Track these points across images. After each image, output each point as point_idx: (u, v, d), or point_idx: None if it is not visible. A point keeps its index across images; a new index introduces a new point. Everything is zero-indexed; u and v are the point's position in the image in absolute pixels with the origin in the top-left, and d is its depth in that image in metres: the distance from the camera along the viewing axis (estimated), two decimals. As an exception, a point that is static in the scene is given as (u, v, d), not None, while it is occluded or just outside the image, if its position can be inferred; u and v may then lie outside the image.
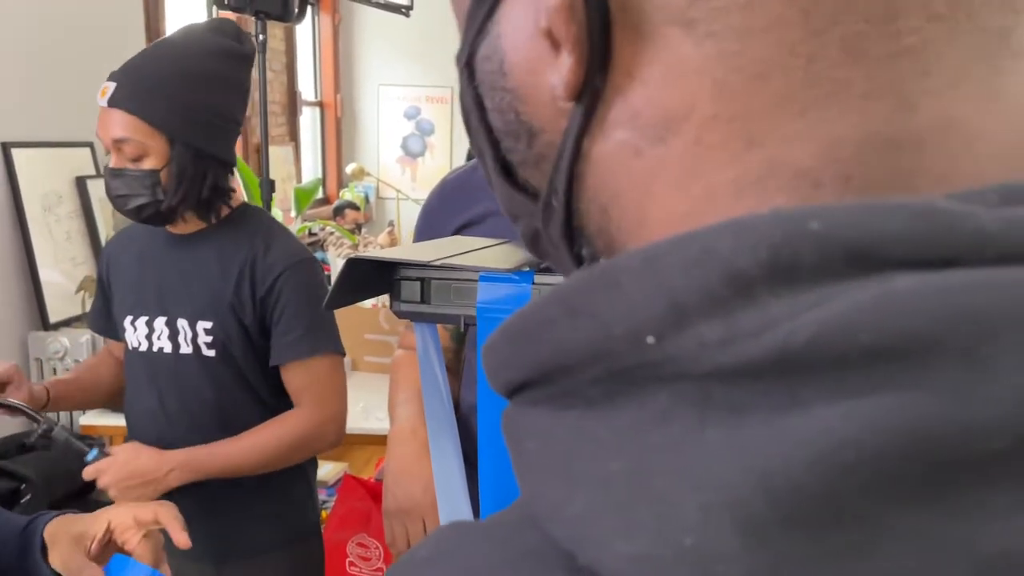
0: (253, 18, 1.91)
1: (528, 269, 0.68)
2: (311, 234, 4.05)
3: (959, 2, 0.21)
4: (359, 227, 4.54)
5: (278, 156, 3.88)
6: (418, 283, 0.73)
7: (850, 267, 0.18)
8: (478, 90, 0.29)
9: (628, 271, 0.20)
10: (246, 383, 1.35)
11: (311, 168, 4.80)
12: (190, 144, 1.25)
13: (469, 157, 2.44)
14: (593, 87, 0.24)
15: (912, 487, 0.16)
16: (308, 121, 4.79)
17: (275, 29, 3.86)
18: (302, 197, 3.78)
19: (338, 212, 4.47)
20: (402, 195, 4.95)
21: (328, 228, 4.15)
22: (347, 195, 4.79)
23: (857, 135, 0.21)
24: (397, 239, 4.59)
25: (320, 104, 4.94)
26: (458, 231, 1.14)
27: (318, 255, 4.04)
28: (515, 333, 0.23)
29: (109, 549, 0.93)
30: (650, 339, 0.19)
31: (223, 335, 1.32)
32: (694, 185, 0.23)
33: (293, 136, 4.42)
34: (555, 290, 0.22)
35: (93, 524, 0.92)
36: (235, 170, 1.37)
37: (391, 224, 4.71)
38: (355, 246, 3.90)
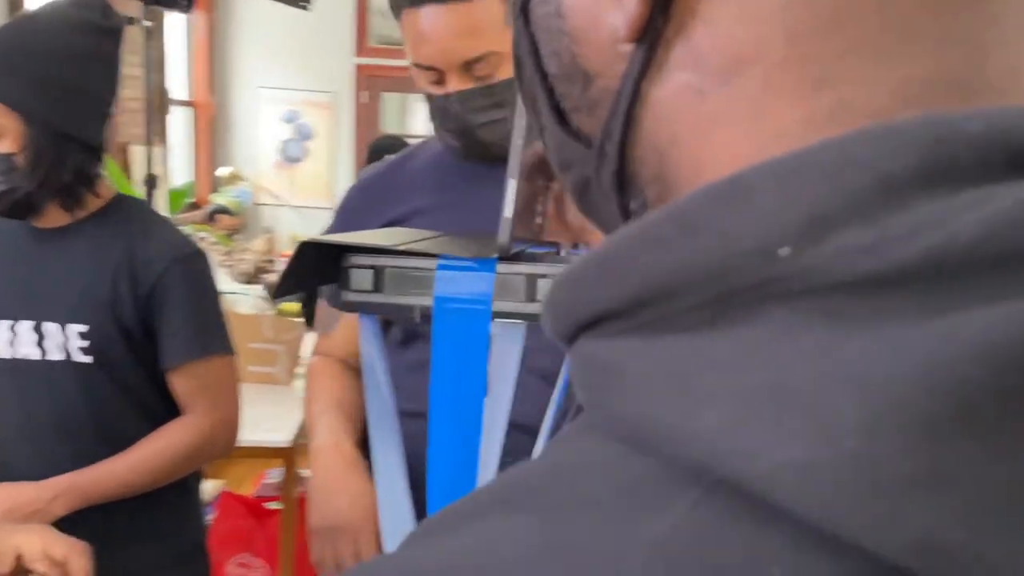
0: (141, 3, 1.79)
1: (492, 257, 0.66)
2: (182, 239, 3.84)
3: None
4: (234, 233, 4.35)
5: (144, 156, 3.66)
6: (370, 271, 0.69)
7: (1009, 169, 0.18)
8: (534, 36, 0.29)
9: (761, 182, 0.20)
10: (127, 390, 1.24)
11: (181, 170, 4.56)
12: (47, 124, 1.14)
13: (372, 159, 2.38)
14: (655, 28, 0.24)
15: None
16: (178, 121, 4.55)
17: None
18: (174, 199, 3.59)
19: (211, 217, 4.27)
20: (280, 201, 4.79)
21: (201, 234, 3.95)
22: (219, 200, 4.58)
23: (930, 79, 0.21)
24: (274, 246, 4.42)
25: (192, 104, 4.71)
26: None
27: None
28: (610, 258, 0.23)
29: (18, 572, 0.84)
30: (783, 251, 0.19)
31: (100, 339, 1.20)
32: (760, 126, 0.23)
33: (162, 136, 4.18)
34: (664, 210, 0.22)
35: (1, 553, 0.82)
36: (103, 157, 1.25)
37: (268, 230, 4.54)
38: (230, 253, 3.73)
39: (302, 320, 2.66)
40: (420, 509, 0.89)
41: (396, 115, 5.11)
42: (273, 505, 2.64)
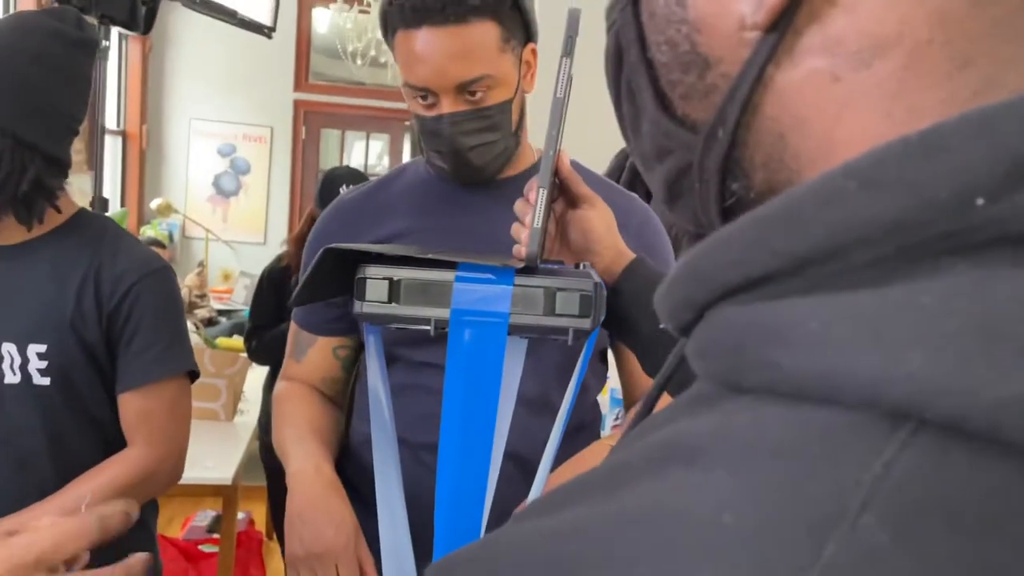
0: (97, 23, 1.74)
1: (510, 267, 0.66)
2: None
3: None
4: (163, 267, 4.22)
5: (77, 184, 3.53)
6: (385, 283, 0.68)
7: None
8: (643, 26, 0.30)
9: (957, 135, 0.20)
10: (87, 414, 1.18)
11: (111, 201, 4.41)
12: (7, 129, 1.08)
13: (326, 189, 2.34)
14: (790, 16, 0.25)
15: None
16: (108, 151, 4.41)
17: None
18: (106, 229, 3.45)
19: (140, 249, 4.13)
20: (212, 235, 4.67)
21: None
22: (149, 232, 4.44)
23: None
24: (206, 281, 4.30)
25: (123, 134, 4.58)
26: None
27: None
28: (771, 218, 0.23)
29: None
30: (979, 201, 0.19)
31: (61, 358, 1.14)
32: (898, 107, 0.24)
33: (93, 165, 4.04)
34: (839, 168, 0.22)
35: None
36: (66, 172, 1.19)
37: (200, 265, 4.42)
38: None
39: (244, 355, 2.59)
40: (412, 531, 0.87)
41: (335, 151, 5.07)
42: (208, 548, 2.53)
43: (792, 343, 0.21)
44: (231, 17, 1.49)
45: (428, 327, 0.68)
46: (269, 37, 1.62)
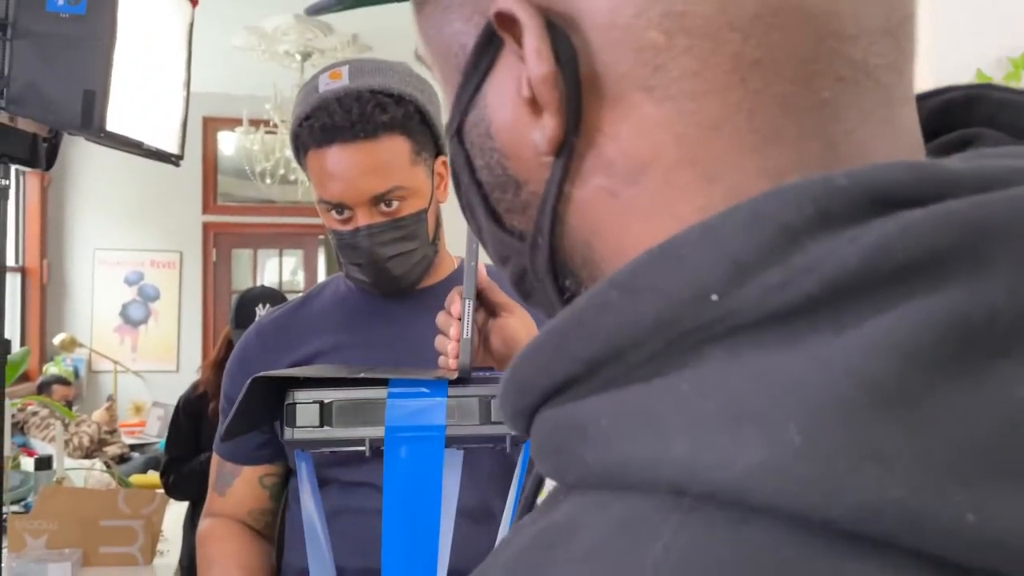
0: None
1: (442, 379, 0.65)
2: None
3: (859, 67, 0.27)
4: (69, 404, 4.00)
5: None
6: (316, 406, 0.65)
7: (872, 210, 0.22)
8: (468, 152, 0.33)
9: (687, 244, 0.24)
10: None
11: (12, 341, 4.20)
12: None
13: (241, 310, 2.29)
14: (570, 143, 0.29)
15: (953, 362, 0.20)
16: (7, 289, 4.23)
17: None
18: (9, 371, 3.28)
19: (44, 389, 3.92)
20: (120, 367, 4.48)
21: (31, 408, 3.61)
22: (53, 369, 4.24)
23: (797, 168, 0.27)
24: (115, 415, 4.10)
25: (22, 270, 4.41)
26: None
27: (17, 440, 3.46)
28: (564, 328, 0.26)
29: None
30: (714, 297, 0.22)
31: None
32: (665, 216, 0.29)
33: (-12, 304, 3.87)
34: (605, 281, 0.25)
35: None
36: None
37: (109, 399, 4.21)
38: (77, 423, 3.42)
39: (161, 491, 2.45)
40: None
41: (247, 271, 5.00)
42: None
43: (590, 439, 0.24)
44: (137, 148, 1.47)
45: (363, 447, 0.66)
46: (177, 165, 1.61)
